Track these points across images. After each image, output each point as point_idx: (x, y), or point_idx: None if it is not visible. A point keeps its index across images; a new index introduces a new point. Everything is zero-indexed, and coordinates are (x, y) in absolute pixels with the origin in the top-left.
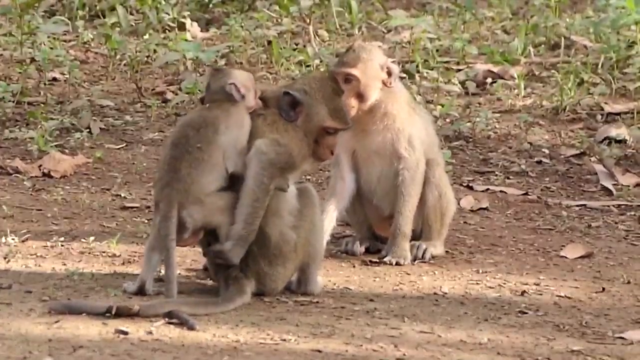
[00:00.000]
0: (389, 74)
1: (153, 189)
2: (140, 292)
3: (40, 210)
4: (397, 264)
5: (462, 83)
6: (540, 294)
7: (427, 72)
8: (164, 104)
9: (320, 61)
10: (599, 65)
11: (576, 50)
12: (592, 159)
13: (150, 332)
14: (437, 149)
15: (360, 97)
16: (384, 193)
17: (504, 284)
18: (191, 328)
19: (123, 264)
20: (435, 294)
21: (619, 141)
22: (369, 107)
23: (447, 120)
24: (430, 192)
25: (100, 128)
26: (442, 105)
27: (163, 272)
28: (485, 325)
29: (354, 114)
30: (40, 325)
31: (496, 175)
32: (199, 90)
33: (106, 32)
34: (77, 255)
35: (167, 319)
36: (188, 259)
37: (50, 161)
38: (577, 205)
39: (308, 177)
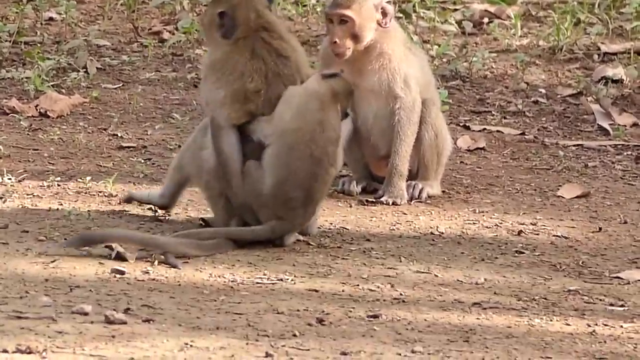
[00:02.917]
0: (384, 14)
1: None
2: None
3: (37, 150)
4: (394, 203)
5: (459, 23)
6: (537, 234)
7: (423, 12)
8: (160, 44)
9: (317, 1)
10: (596, 5)
11: None
12: (589, 98)
13: (147, 272)
14: (433, 88)
15: (356, 37)
16: (381, 133)
17: (501, 223)
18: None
19: (119, 203)
20: (431, 233)
21: (616, 81)
22: (364, 48)
23: (444, 60)
24: (427, 132)
25: (96, 68)
26: (439, 45)
27: None
28: (482, 265)
29: (349, 55)
30: (37, 265)
31: (493, 115)
32: (196, 30)
33: None
34: (74, 195)
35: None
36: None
37: (47, 101)
38: (574, 145)
39: None
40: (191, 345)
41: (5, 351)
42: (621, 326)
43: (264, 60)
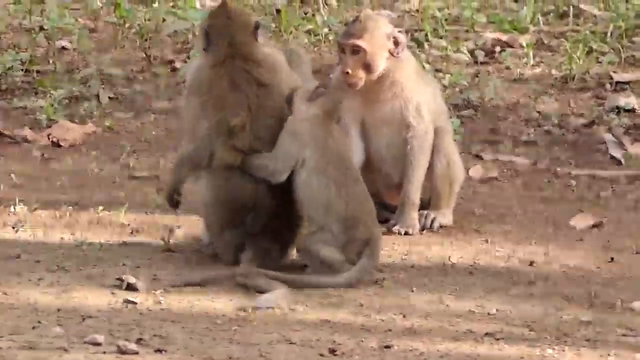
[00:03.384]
0: (396, 43)
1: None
2: None
3: (49, 179)
4: (406, 233)
5: (471, 52)
6: (549, 264)
7: (436, 41)
8: (173, 73)
9: (329, 30)
10: (608, 34)
11: (585, 19)
12: (601, 128)
13: (159, 302)
14: (445, 117)
15: (368, 67)
16: (393, 162)
17: (513, 253)
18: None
19: (131, 233)
20: (443, 263)
21: (628, 110)
22: (376, 77)
23: (456, 89)
24: (439, 161)
25: (109, 97)
26: (451, 74)
27: None
28: (494, 295)
29: (361, 84)
30: (49, 295)
31: (505, 144)
32: None
33: (115, 1)
34: (86, 225)
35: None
36: None
37: (59, 130)
38: (586, 175)
39: None
40: None
41: None
42: (634, 357)
43: (245, 92)
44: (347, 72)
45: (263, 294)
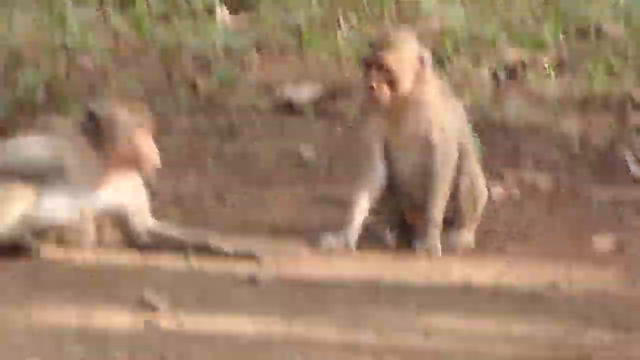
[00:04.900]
0: (422, 62)
1: None
2: None
3: None
4: (429, 253)
5: (492, 71)
6: (572, 286)
7: (457, 60)
8: (194, 91)
9: (350, 47)
10: (630, 54)
11: (606, 39)
12: (623, 147)
13: (182, 323)
14: (469, 137)
15: (393, 84)
16: (417, 183)
17: (535, 275)
18: None
19: (154, 253)
20: (466, 284)
21: None
22: (401, 95)
23: (477, 108)
24: (463, 181)
25: None
26: (472, 93)
27: None
28: (517, 316)
29: (386, 101)
30: (71, 315)
31: (527, 164)
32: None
33: (136, 19)
34: (109, 246)
35: None
36: None
37: None
38: (608, 196)
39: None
40: None
41: None
42: None
43: None
44: (372, 87)
45: None
